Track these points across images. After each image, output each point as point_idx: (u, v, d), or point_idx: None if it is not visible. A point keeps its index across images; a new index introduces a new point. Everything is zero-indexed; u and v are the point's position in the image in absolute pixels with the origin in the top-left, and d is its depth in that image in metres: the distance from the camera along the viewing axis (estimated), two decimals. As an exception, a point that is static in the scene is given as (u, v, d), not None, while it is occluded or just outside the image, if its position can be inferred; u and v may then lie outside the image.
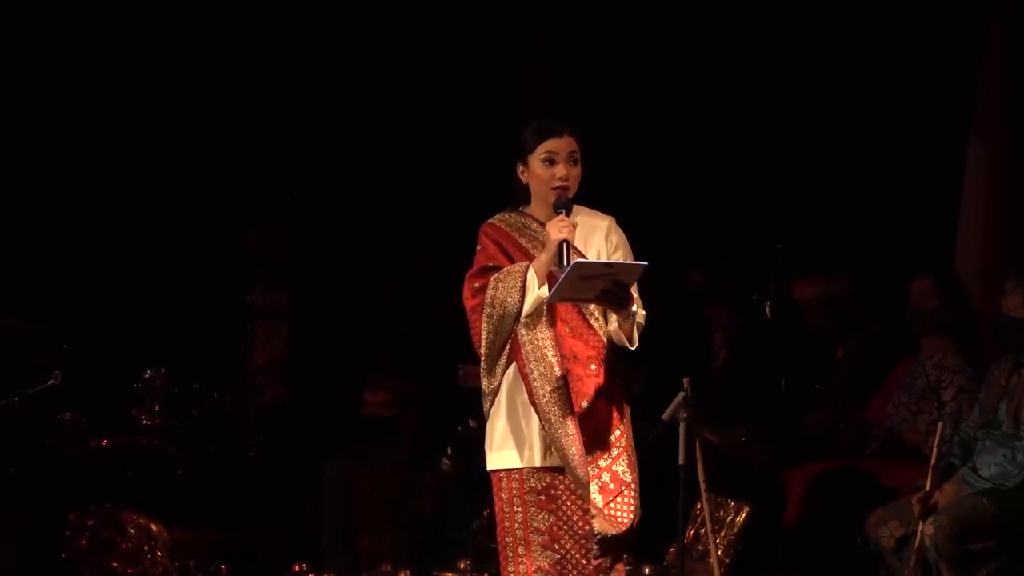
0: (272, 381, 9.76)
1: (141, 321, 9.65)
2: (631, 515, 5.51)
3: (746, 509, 7.75)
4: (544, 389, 5.46)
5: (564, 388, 5.46)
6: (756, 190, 9.28)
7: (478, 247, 5.66)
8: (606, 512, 5.49)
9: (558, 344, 5.51)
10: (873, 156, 9.16)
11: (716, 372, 8.81)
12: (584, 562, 5.51)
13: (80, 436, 8.72)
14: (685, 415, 5.99)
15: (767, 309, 8.48)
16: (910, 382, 7.87)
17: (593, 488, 5.50)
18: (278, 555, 8.36)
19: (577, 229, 5.58)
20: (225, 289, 9.81)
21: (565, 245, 5.40)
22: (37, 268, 9.58)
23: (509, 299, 5.50)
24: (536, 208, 5.66)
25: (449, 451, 8.08)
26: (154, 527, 8.23)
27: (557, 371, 5.47)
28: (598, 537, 5.47)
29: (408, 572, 7.92)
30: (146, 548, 8.20)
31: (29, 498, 8.25)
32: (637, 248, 5.68)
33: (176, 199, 9.95)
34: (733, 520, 7.75)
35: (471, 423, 7.95)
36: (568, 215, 5.51)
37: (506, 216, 5.69)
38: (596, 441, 5.52)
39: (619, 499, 5.51)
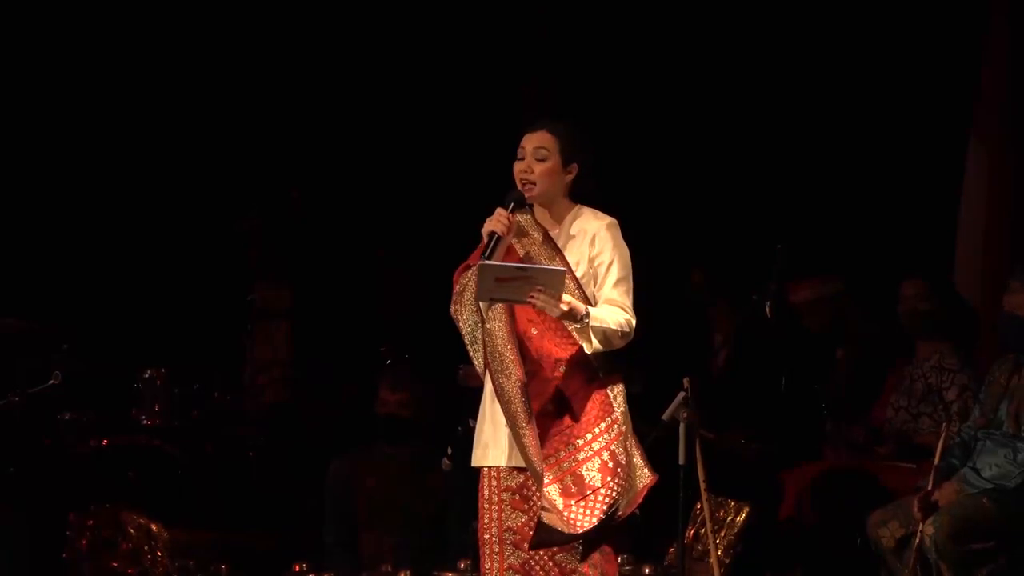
0: (272, 380, 9.76)
1: (141, 321, 9.65)
2: (594, 520, 5.43)
3: (746, 509, 7.75)
4: (502, 386, 5.47)
5: (520, 386, 5.45)
6: (756, 190, 9.28)
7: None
8: (565, 514, 5.43)
9: (517, 342, 5.50)
10: (873, 156, 9.16)
11: (716, 372, 8.81)
12: (551, 564, 5.51)
13: (80, 436, 8.72)
14: (685, 415, 5.99)
15: (767, 309, 8.48)
16: (908, 385, 7.87)
17: (555, 489, 5.45)
18: (278, 555, 8.36)
19: (568, 231, 5.60)
20: (225, 288, 9.80)
21: (494, 238, 5.41)
22: (37, 268, 9.58)
23: (465, 300, 5.57)
24: (537, 207, 5.66)
25: (449, 451, 8.08)
26: (154, 527, 8.23)
27: (513, 369, 5.46)
28: (541, 529, 5.41)
29: (408, 572, 7.91)
30: (146, 548, 8.19)
31: (29, 498, 8.25)
32: (638, 248, 5.67)
33: (176, 199, 9.94)
34: (733, 520, 7.75)
35: (471, 423, 7.94)
36: (515, 211, 5.51)
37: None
38: (561, 442, 5.49)
39: (581, 503, 5.45)
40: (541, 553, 5.51)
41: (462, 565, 7.82)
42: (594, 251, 5.56)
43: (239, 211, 9.87)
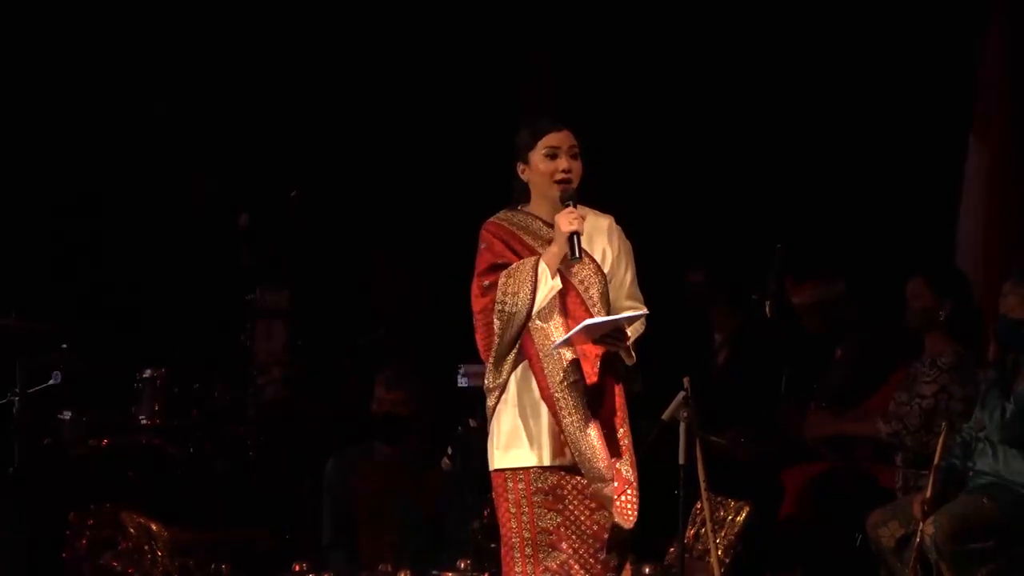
0: (271, 380, 9.75)
1: (141, 321, 9.65)
2: (635, 513, 5.53)
3: (746, 509, 7.75)
4: (560, 384, 5.47)
5: (581, 382, 5.48)
6: (756, 190, 9.28)
7: (482, 246, 5.66)
8: (614, 510, 5.51)
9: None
10: (873, 156, 9.16)
11: (716, 372, 8.81)
12: (592, 562, 5.53)
13: (80, 436, 8.72)
14: (685, 415, 6.00)
15: (767, 309, 8.49)
16: (911, 383, 7.86)
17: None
18: (278, 555, 8.36)
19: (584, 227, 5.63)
20: (225, 288, 9.80)
21: (576, 237, 5.44)
22: (37, 268, 9.58)
23: (521, 294, 5.52)
24: (537, 206, 5.67)
25: (449, 451, 8.07)
26: (154, 527, 8.23)
27: (573, 365, 5.48)
28: (613, 527, 5.49)
29: (408, 572, 7.91)
30: (146, 548, 8.20)
31: (29, 498, 8.25)
32: (637, 248, 5.71)
33: (176, 199, 9.94)
34: (733, 520, 7.75)
35: (471, 423, 7.95)
36: (575, 206, 5.54)
37: (508, 215, 5.70)
38: (604, 440, 5.54)
39: (623, 497, 5.52)
40: (582, 552, 5.53)
41: (462, 565, 7.81)
42: (614, 249, 5.64)
43: (236, 209, 9.88)
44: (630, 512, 5.52)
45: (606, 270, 5.60)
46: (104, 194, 9.89)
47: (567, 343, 5.46)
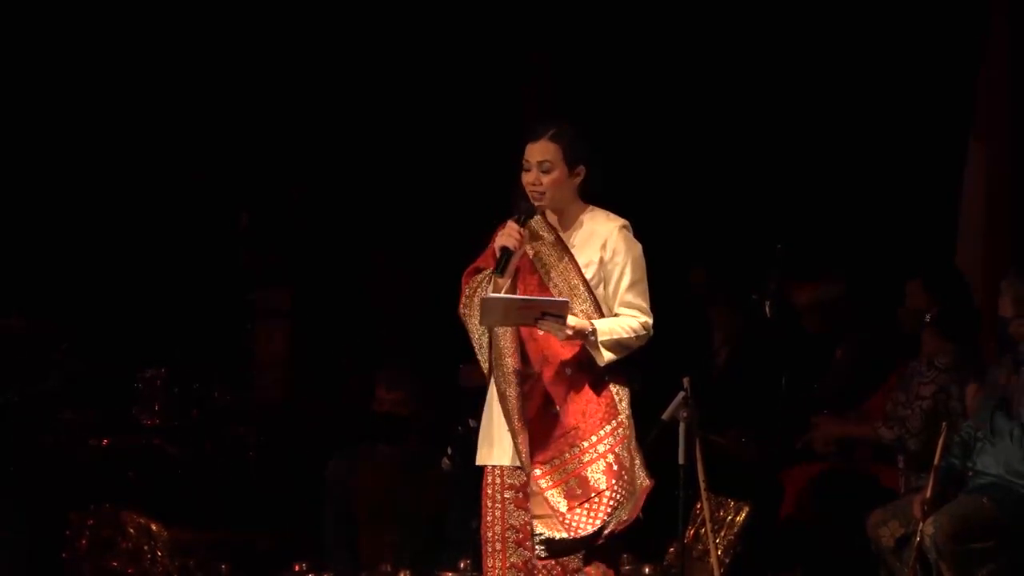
0: (272, 380, 9.76)
1: (141, 320, 9.65)
2: (597, 523, 5.50)
3: (746, 509, 7.75)
4: (503, 391, 5.54)
5: (518, 394, 5.52)
6: (757, 191, 9.29)
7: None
8: (568, 517, 5.49)
9: (519, 345, 5.56)
10: (873, 156, 9.16)
11: (716, 372, 8.81)
12: (553, 562, 5.54)
13: (80, 436, 8.73)
14: (685, 415, 5.99)
15: (767, 309, 8.49)
16: (907, 382, 7.86)
17: (558, 492, 5.51)
18: (278, 555, 8.37)
19: (579, 233, 5.63)
20: (225, 288, 9.80)
21: (507, 253, 5.47)
22: (37, 268, 9.58)
23: (472, 303, 5.62)
24: (549, 211, 5.68)
25: (449, 451, 8.09)
26: (154, 527, 8.24)
27: (512, 377, 5.53)
28: (541, 537, 5.49)
29: (408, 572, 7.92)
30: (146, 548, 8.20)
31: (29, 498, 8.25)
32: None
33: (176, 198, 9.94)
34: (733, 520, 7.75)
35: (471, 422, 7.95)
36: (523, 223, 5.54)
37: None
38: (565, 444, 5.54)
39: (585, 506, 5.51)
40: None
41: (462, 565, 7.82)
42: (606, 254, 5.60)
43: (237, 207, 9.89)
44: (588, 522, 5.49)
45: (589, 276, 5.59)
46: (104, 194, 9.89)
47: (492, 322, 5.50)
